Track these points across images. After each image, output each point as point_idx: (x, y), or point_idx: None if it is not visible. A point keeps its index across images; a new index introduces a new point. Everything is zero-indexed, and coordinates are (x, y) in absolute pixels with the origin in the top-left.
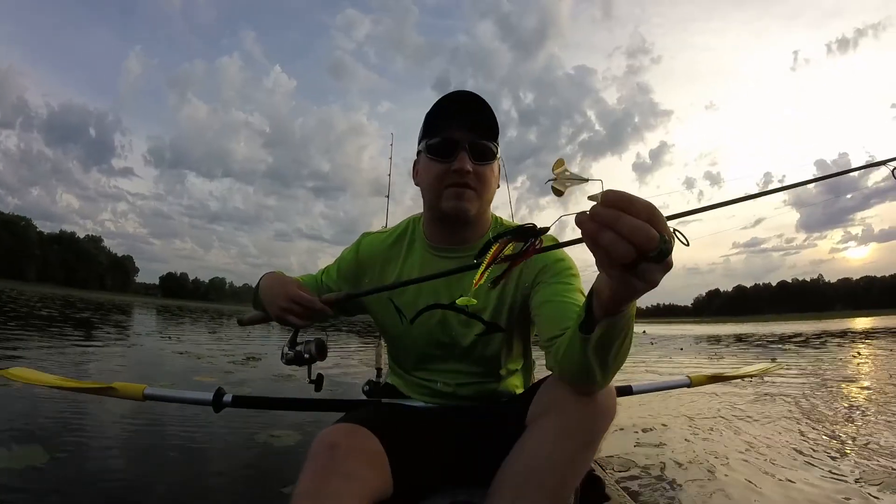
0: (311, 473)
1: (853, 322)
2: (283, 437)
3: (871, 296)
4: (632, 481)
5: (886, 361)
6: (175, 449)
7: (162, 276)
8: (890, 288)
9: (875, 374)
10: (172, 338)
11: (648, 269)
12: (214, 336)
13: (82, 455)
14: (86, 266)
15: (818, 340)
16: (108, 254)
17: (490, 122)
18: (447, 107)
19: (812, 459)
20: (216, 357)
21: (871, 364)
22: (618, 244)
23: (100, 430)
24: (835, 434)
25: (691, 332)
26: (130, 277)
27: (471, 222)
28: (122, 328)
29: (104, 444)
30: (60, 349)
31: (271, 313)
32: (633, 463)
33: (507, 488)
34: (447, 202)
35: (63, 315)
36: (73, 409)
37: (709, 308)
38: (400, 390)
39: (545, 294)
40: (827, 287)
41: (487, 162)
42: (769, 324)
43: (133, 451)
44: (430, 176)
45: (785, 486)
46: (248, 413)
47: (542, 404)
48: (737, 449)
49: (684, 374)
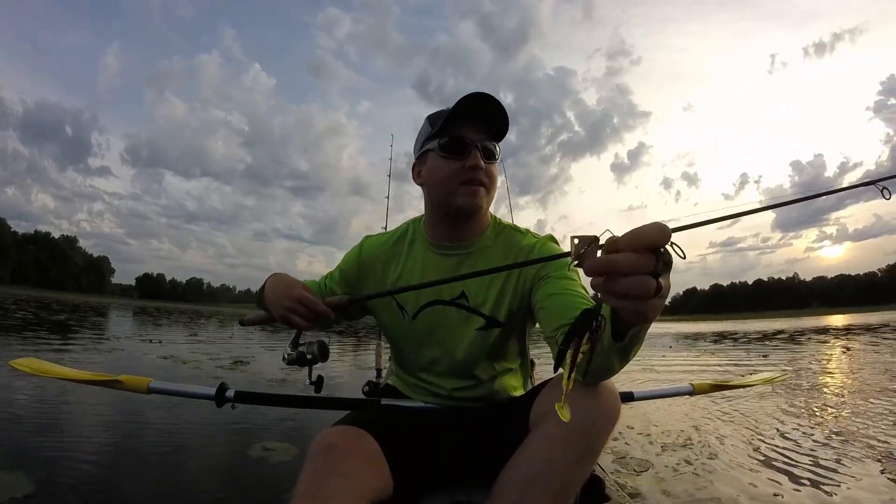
0: (310, 473)
1: (830, 319)
2: (279, 450)
3: (845, 294)
4: (632, 482)
5: (877, 357)
6: (159, 458)
7: (138, 277)
8: (864, 286)
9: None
10: (154, 341)
11: (662, 283)
12: (196, 339)
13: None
14: (61, 267)
15: (803, 337)
16: (84, 254)
17: (503, 125)
18: (469, 107)
19: (815, 460)
20: (202, 361)
21: (863, 360)
22: (634, 286)
23: (75, 446)
24: (839, 433)
25: (671, 330)
26: (106, 278)
27: (476, 220)
28: (100, 331)
29: (78, 463)
30: (36, 354)
31: (275, 314)
32: (633, 463)
33: (509, 491)
34: (462, 198)
35: (38, 318)
36: (50, 418)
37: (685, 306)
38: (400, 391)
39: (550, 288)
40: (802, 285)
41: (494, 162)
42: (747, 321)
43: (115, 455)
44: (443, 173)
45: (785, 487)
46: (242, 424)
47: (545, 407)
48: (738, 449)
49: (687, 381)
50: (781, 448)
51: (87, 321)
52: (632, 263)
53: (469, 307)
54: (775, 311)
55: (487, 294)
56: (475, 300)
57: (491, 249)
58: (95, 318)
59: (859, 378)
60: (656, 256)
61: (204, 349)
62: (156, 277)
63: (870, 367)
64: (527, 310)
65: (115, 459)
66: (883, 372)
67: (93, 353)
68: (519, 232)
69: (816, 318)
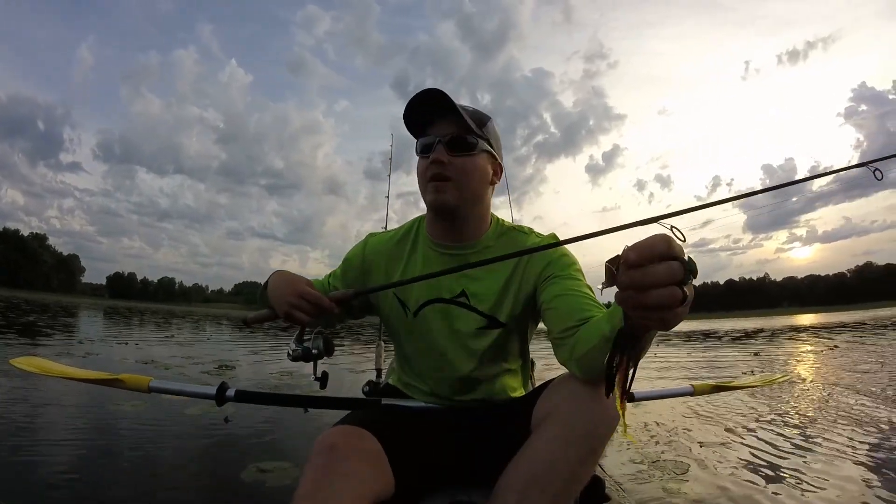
0: (311, 474)
1: (802, 318)
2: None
3: (815, 294)
4: (632, 481)
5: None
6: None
7: (109, 276)
8: (834, 286)
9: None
10: (129, 343)
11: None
12: (174, 341)
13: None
14: (30, 265)
15: (784, 335)
16: (54, 252)
17: (458, 115)
18: (413, 108)
19: (818, 462)
20: (185, 367)
21: (854, 357)
22: (664, 294)
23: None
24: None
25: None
26: (76, 277)
27: (460, 217)
28: (71, 333)
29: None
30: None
31: (279, 310)
32: (632, 463)
33: (510, 492)
34: (429, 195)
35: (7, 319)
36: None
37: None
38: (400, 390)
39: (557, 289)
40: (773, 285)
41: (467, 153)
42: (721, 321)
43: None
44: (419, 173)
45: (789, 487)
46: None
47: (547, 408)
48: (739, 450)
49: (688, 382)
50: (781, 447)
51: (58, 322)
52: (663, 274)
53: (469, 306)
54: (747, 311)
55: (488, 294)
56: (476, 300)
57: (492, 250)
58: (66, 319)
59: (857, 376)
60: (683, 266)
61: (183, 352)
62: (127, 276)
63: (862, 364)
64: (529, 310)
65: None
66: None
67: (66, 358)
68: (522, 232)
69: (789, 318)
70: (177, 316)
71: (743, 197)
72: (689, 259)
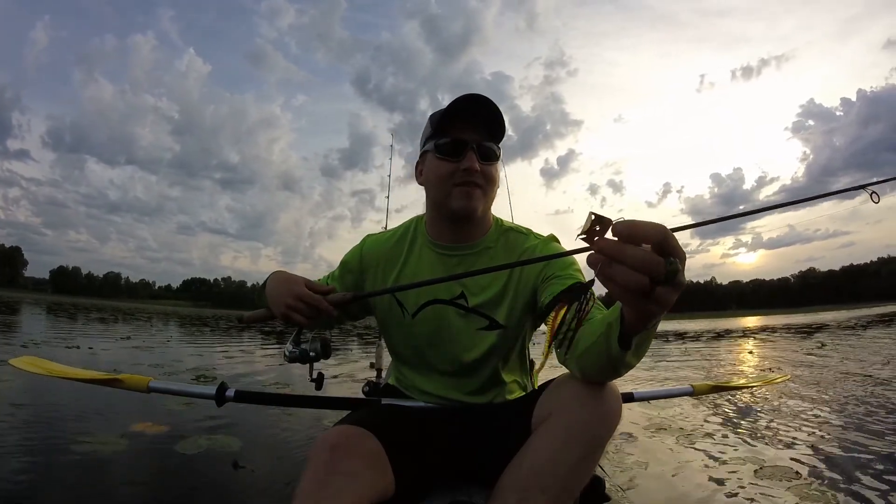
0: (311, 474)
1: (749, 320)
2: None
3: (759, 297)
4: (632, 482)
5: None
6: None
7: (53, 271)
8: (777, 290)
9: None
10: (82, 346)
11: (662, 292)
12: (130, 342)
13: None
14: None
15: (752, 336)
16: None
17: (499, 125)
18: (462, 108)
19: (821, 465)
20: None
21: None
22: (630, 276)
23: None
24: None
25: None
26: (18, 271)
27: (475, 221)
28: (14, 334)
29: None
30: None
31: (276, 311)
32: (633, 463)
33: (511, 492)
34: (457, 201)
35: None
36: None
37: (608, 307)
38: (400, 390)
39: (556, 289)
40: (719, 288)
41: (493, 162)
42: (677, 321)
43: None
44: (439, 175)
45: (790, 487)
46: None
47: (547, 408)
48: (739, 449)
49: (688, 383)
50: (781, 447)
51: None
52: (639, 258)
53: (468, 307)
54: (696, 313)
55: (487, 295)
56: (475, 300)
57: (493, 251)
58: (7, 317)
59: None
60: (664, 266)
61: (146, 358)
62: (71, 271)
63: (850, 363)
64: (528, 311)
65: None
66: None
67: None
68: (521, 233)
69: (737, 320)
70: (124, 312)
71: (746, 214)
72: (672, 260)
